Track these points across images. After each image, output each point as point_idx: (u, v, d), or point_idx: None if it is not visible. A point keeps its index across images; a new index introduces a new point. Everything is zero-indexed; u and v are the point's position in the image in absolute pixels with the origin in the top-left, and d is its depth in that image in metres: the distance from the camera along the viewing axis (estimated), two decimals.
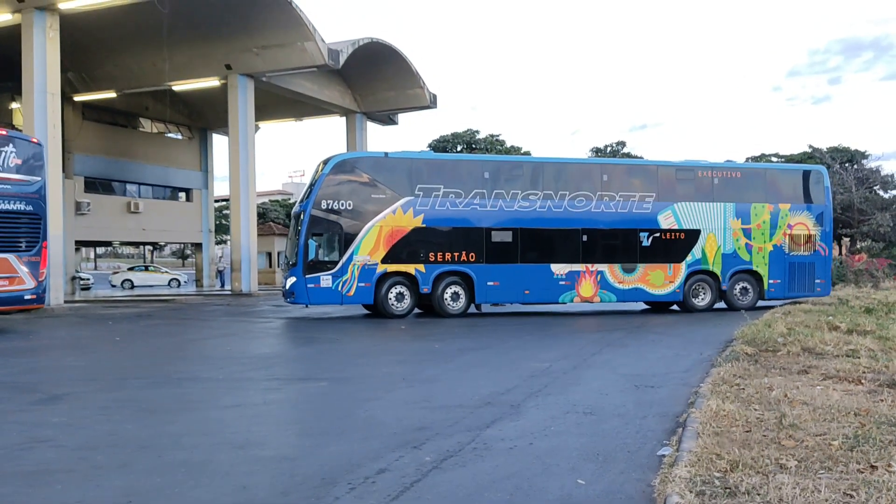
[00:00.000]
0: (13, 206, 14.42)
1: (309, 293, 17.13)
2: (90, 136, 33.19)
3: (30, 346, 13.39)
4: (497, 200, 17.97)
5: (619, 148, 51.80)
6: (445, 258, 17.69)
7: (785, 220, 19.44)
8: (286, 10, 26.04)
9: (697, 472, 4.66)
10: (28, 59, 21.25)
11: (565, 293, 18.25)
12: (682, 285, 18.84)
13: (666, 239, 18.73)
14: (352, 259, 17.17)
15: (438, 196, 17.64)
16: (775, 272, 19.36)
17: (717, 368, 8.98)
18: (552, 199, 18.23)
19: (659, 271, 18.68)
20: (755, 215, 19.28)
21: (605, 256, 18.42)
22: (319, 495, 4.63)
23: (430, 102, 35.41)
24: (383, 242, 17.32)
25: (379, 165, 17.96)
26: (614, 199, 18.51)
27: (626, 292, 18.58)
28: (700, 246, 18.90)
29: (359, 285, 17.17)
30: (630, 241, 18.57)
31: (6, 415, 7.12)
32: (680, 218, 18.77)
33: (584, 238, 18.33)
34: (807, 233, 19.61)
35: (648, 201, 18.65)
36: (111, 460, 5.47)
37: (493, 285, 17.88)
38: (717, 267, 19.05)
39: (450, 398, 7.93)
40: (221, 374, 9.77)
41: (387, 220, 17.35)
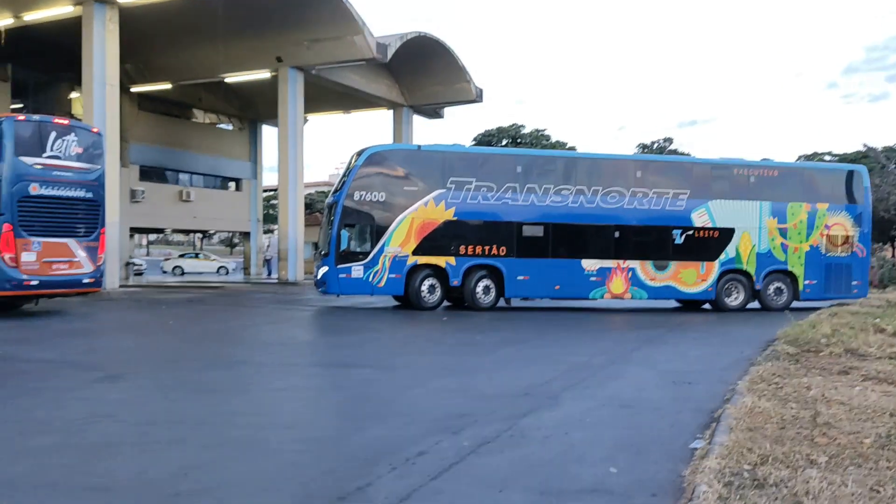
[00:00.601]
0: (74, 193, 15.04)
1: (340, 283, 17.31)
2: (145, 126, 34.14)
3: (88, 327, 14.01)
4: (529, 195, 17.94)
5: (666, 144, 51.29)
6: (476, 251, 17.73)
7: (822, 219, 19.09)
8: (336, 5, 26.45)
9: (727, 464, 4.81)
10: (88, 50, 22.00)
11: (596, 289, 18.21)
12: (714, 284, 18.62)
13: (699, 237, 18.54)
14: (383, 250, 17.30)
15: (470, 189, 17.68)
16: (811, 273, 19.04)
17: (757, 367, 9.01)
18: (584, 195, 18.15)
19: (691, 269, 18.50)
20: (792, 214, 18.97)
21: (636, 253, 18.30)
22: (363, 473, 4.89)
23: (477, 97, 35.54)
24: (414, 234, 17.42)
25: (411, 158, 18.16)
26: (647, 195, 18.40)
27: (658, 290, 18.46)
28: (734, 244, 18.66)
29: (390, 276, 17.31)
30: (663, 239, 18.42)
31: (70, 391, 7.58)
32: (714, 216, 18.57)
33: (616, 234, 18.27)
34: (844, 233, 19.22)
35: (682, 198, 18.49)
36: (169, 435, 5.83)
37: (523, 280, 17.89)
38: (751, 266, 18.79)
39: (489, 388, 8.15)
40: (270, 358, 10.15)
41: (418, 212, 17.46)
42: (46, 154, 14.57)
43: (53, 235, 14.63)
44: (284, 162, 29.67)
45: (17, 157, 14.11)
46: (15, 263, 13.96)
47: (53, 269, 14.60)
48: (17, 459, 5.10)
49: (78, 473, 4.82)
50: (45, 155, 14.54)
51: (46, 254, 14.44)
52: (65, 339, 12.02)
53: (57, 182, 14.69)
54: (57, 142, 14.78)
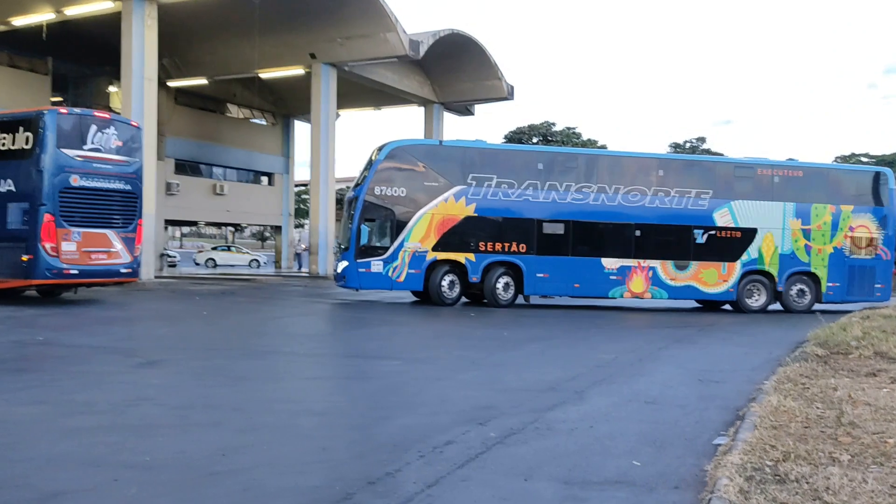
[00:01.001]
0: (113, 185, 15.43)
1: (360, 277, 17.32)
2: (181, 120, 34.71)
3: (126, 316, 14.40)
4: (550, 192, 17.88)
5: (699, 144, 50.88)
6: (496, 248, 17.68)
7: (846, 221, 18.87)
8: (370, 2, 26.68)
9: (749, 460, 4.88)
10: (127, 45, 22.46)
11: (616, 288, 18.12)
12: (735, 285, 18.46)
13: (721, 237, 18.42)
14: (403, 245, 17.29)
15: (491, 186, 17.64)
16: (834, 275, 18.80)
17: (784, 367, 9.02)
18: (606, 193, 18.06)
19: (712, 269, 18.35)
20: (816, 216, 18.77)
21: (657, 252, 18.19)
22: (392, 460, 5.05)
23: (508, 94, 35.58)
24: (434, 230, 17.40)
25: (432, 153, 18.10)
26: (669, 194, 18.29)
27: (678, 289, 18.35)
28: (756, 245, 18.49)
29: (409, 272, 17.31)
30: (684, 238, 18.30)
31: (112, 375, 7.85)
32: (737, 216, 18.42)
33: (636, 233, 18.16)
34: (868, 235, 18.97)
35: (705, 198, 18.39)
36: (206, 419, 6.05)
37: (543, 277, 17.84)
38: (773, 267, 18.61)
39: (516, 382, 8.28)
40: (302, 349, 10.39)
41: (439, 208, 17.42)
42: (87, 146, 14.97)
43: (93, 226, 15.03)
44: (317, 157, 30.00)
45: (59, 149, 14.52)
46: (56, 253, 14.37)
47: (92, 258, 15.00)
48: (63, 439, 5.34)
49: (120, 452, 5.05)
50: (85, 147, 14.94)
51: (86, 244, 14.84)
52: (104, 326, 12.38)
53: (97, 174, 15.09)
54: (97, 135, 15.17)
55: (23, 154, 14.59)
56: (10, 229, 14.59)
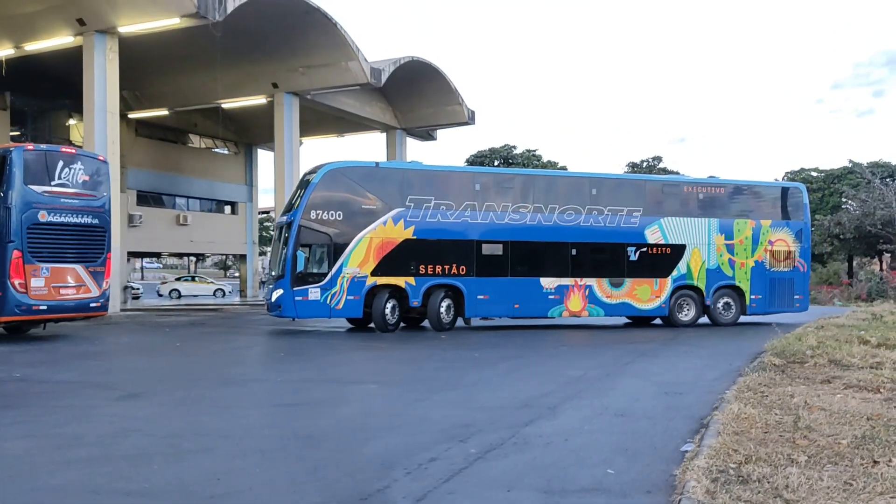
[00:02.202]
0: (81, 220, 15.45)
1: (297, 306, 16.63)
2: (142, 152, 34.58)
3: (99, 350, 14.37)
4: (488, 213, 17.83)
5: (655, 163, 52.07)
6: (436, 271, 17.41)
7: (766, 235, 19.54)
8: (331, 32, 27.07)
9: (714, 464, 5.27)
10: (89, 79, 22.47)
11: (554, 307, 18.20)
12: (667, 300, 18.88)
13: (653, 253, 18.81)
14: (341, 271, 16.72)
15: (430, 207, 17.42)
16: (757, 287, 19.42)
17: (744, 378, 9.49)
18: (542, 213, 18.16)
19: (646, 286, 18.73)
20: (738, 231, 19.38)
21: (593, 270, 18.43)
22: (380, 477, 5.32)
23: (469, 119, 36.20)
24: (373, 254, 16.94)
25: (370, 175, 17.60)
26: (603, 212, 18.55)
27: (614, 307, 18.62)
28: (685, 261, 18.99)
29: (348, 298, 16.74)
30: (618, 256, 18.62)
31: (96, 409, 7.97)
32: (666, 232, 18.86)
33: (573, 252, 18.36)
34: (787, 249, 19.71)
35: (636, 216, 18.76)
36: (196, 446, 6.25)
37: (483, 299, 17.70)
38: (701, 282, 19.10)
39: (491, 400, 8.59)
40: (277, 376, 10.57)
41: (377, 231, 16.99)
42: (54, 182, 15.00)
43: (61, 261, 15.02)
44: (281, 185, 30.11)
45: (27, 186, 14.53)
46: (24, 289, 14.33)
47: (61, 293, 14.97)
48: (59, 470, 5.50)
49: (118, 480, 5.23)
50: (53, 183, 14.97)
51: (55, 279, 14.82)
52: (78, 361, 12.39)
53: (65, 209, 15.11)
54: (64, 170, 15.21)
55: None
56: None
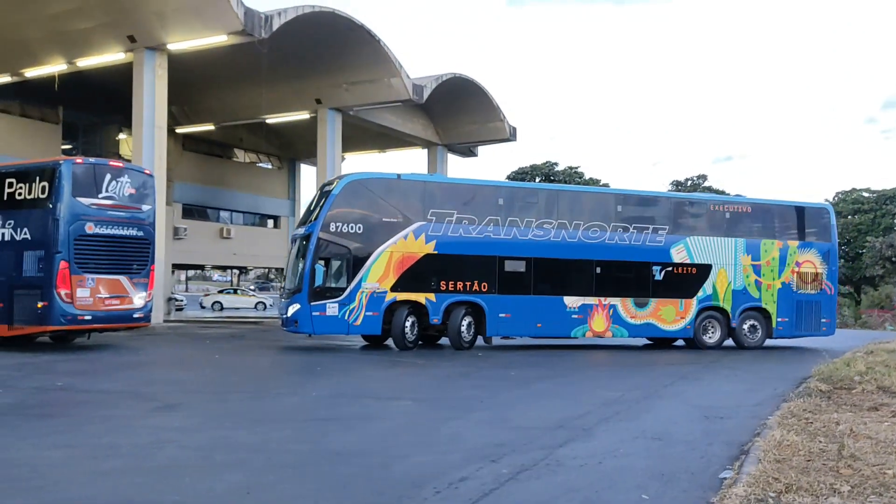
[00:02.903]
0: (127, 232, 15.76)
1: (314, 321, 16.00)
2: (189, 166, 35.26)
3: (140, 360, 14.61)
4: (511, 228, 17.30)
5: (700, 182, 51.37)
6: (457, 287, 16.84)
7: (793, 257, 18.98)
8: (374, 48, 27.34)
9: (753, 492, 5.10)
10: (139, 95, 23.04)
11: (578, 327, 17.63)
12: (692, 321, 18.32)
13: (678, 273, 18.27)
14: (360, 286, 16.13)
15: (451, 222, 16.86)
16: (783, 310, 18.83)
17: (788, 403, 9.23)
18: (566, 229, 17.68)
19: (671, 306, 18.18)
20: (765, 251, 18.84)
21: (617, 290, 17.89)
22: (410, 496, 5.27)
23: (510, 135, 36.16)
24: (393, 269, 16.37)
25: (391, 188, 17.04)
26: (628, 230, 18.11)
27: (638, 327, 18.08)
28: (711, 281, 18.43)
29: (366, 314, 16.15)
30: (643, 275, 18.11)
31: (133, 419, 8.08)
32: (692, 252, 18.37)
33: (597, 270, 17.83)
34: (814, 271, 19.13)
35: (661, 234, 18.27)
36: (229, 459, 6.27)
37: (505, 317, 17.10)
38: (727, 303, 18.53)
39: (525, 420, 8.49)
40: (314, 391, 10.60)
41: (398, 245, 16.43)
42: (102, 195, 15.33)
43: (107, 272, 15.31)
44: None
45: (74, 198, 14.87)
46: (70, 299, 14.64)
47: (106, 304, 15.26)
48: (95, 480, 5.57)
49: (151, 492, 5.27)
50: (100, 196, 15.30)
51: (100, 290, 15.12)
52: (119, 371, 12.61)
53: (111, 221, 15.42)
54: (111, 183, 15.55)
55: (39, 203, 14.95)
56: (25, 277, 14.88)
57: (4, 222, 15.24)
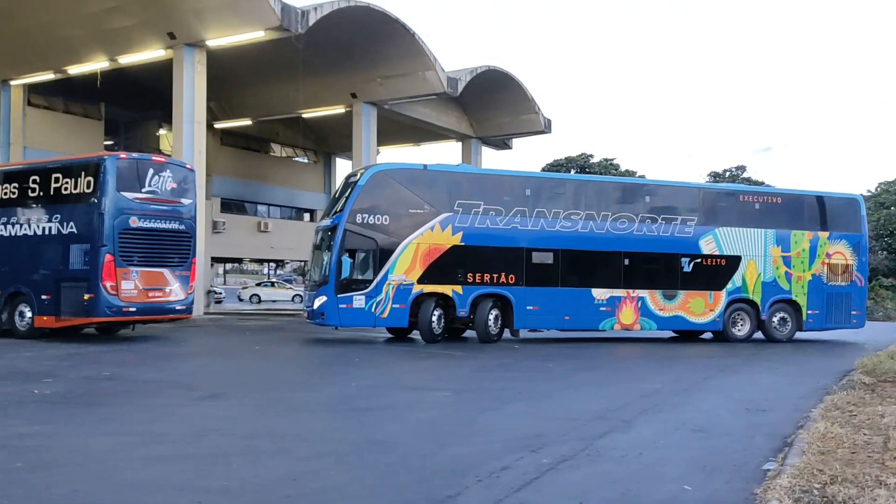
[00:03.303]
0: (169, 226, 16.08)
1: (340, 314, 15.86)
2: (226, 160, 35.78)
3: (184, 351, 14.92)
4: (538, 219, 17.11)
5: (739, 172, 50.58)
6: (484, 279, 16.65)
7: (824, 248, 18.63)
8: (409, 42, 27.41)
9: (798, 483, 5.07)
10: (178, 91, 23.40)
11: (606, 320, 17.39)
12: (722, 314, 18.02)
13: (707, 265, 17.98)
14: (387, 278, 15.99)
15: (478, 213, 16.68)
16: (814, 302, 18.46)
17: (832, 396, 9.12)
18: (594, 220, 17.46)
19: (700, 299, 17.88)
20: (795, 243, 18.50)
21: (646, 282, 17.65)
22: (451, 484, 5.33)
23: (545, 127, 35.97)
24: (420, 261, 16.19)
25: (417, 178, 16.83)
26: (657, 221, 17.81)
27: (667, 320, 17.81)
28: (741, 273, 18.11)
29: (393, 307, 16.00)
30: (671, 267, 17.84)
31: (179, 408, 8.28)
32: (721, 243, 18.05)
33: (625, 262, 17.56)
34: (845, 262, 18.76)
35: (690, 225, 18.00)
36: (273, 447, 6.40)
37: (533, 310, 16.90)
38: (756, 295, 18.19)
39: (564, 411, 8.51)
40: (353, 381, 10.72)
41: (424, 236, 16.26)
42: (145, 189, 15.65)
43: (150, 265, 15.64)
44: None
45: (119, 193, 15.20)
46: (115, 291, 14.98)
47: (150, 296, 15.59)
48: (145, 466, 5.73)
49: (199, 478, 5.41)
50: (143, 190, 15.62)
51: (144, 282, 15.45)
52: (164, 361, 12.90)
53: (154, 215, 15.74)
54: (154, 178, 15.86)
55: (84, 197, 15.31)
56: (72, 269, 15.26)
57: (51, 216, 15.65)
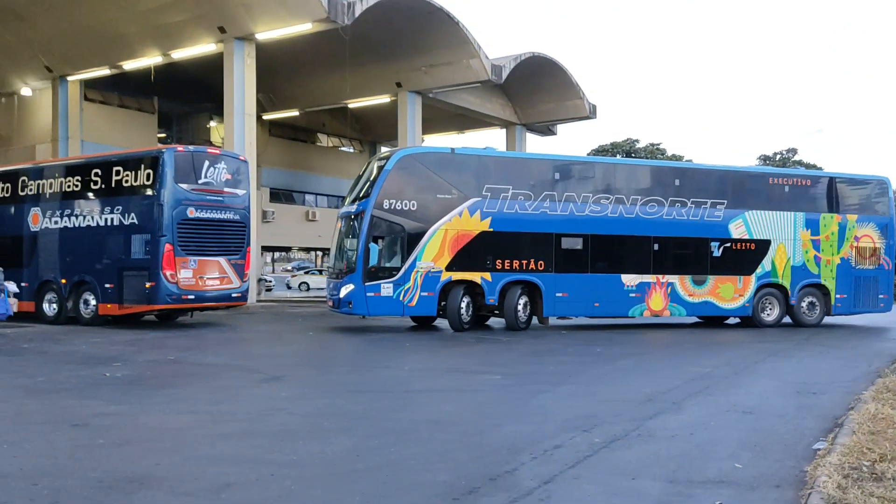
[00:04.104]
0: (224, 216, 16.60)
1: (368, 302, 15.42)
2: (275, 151, 36.45)
3: (241, 337, 15.44)
4: (567, 204, 16.72)
5: (790, 155, 49.60)
6: (513, 266, 16.25)
7: (852, 231, 18.22)
8: (453, 30, 27.55)
9: (847, 461, 5.19)
10: (229, 84, 23.95)
11: (635, 306, 17.04)
12: (751, 299, 17.66)
13: (737, 249, 17.66)
14: (415, 265, 15.58)
15: (507, 198, 16.30)
16: (842, 286, 18.14)
17: (883, 379, 9.11)
18: (624, 204, 17.09)
19: (729, 284, 17.54)
20: (824, 226, 18.11)
21: (675, 267, 17.28)
22: (507, 460, 5.57)
23: (590, 113, 35.81)
24: (448, 248, 15.81)
25: (445, 162, 16.41)
26: (686, 205, 17.48)
27: (696, 306, 17.51)
28: (770, 257, 17.76)
29: (421, 294, 15.60)
30: (701, 251, 17.51)
31: (243, 389, 8.68)
32: (751, 227, 17.69)
33: (655, 247, 17.22)
34: (872, 245, 18.35)
35: (720, 208, 17.66)
36: (336, 426, 6.72)
37: (562, 297, 16.54)
38: (786, 280, 17.84)
39: (613, 394, 8.67)
40: (406, 365, 11.04)
41: (452, 222, 15.87)
42: (201, 181, 16.17)
43: (207, 254, 16.19)
44: None
45: (177, 184, 15.75)
46: (175, 280, 15.55)
47: (207, 284, 16.14)
48: (220, 441, 6.10)
49: (269, 453, 5.74)
50: (199, 182, 16.15)
51: (201, 271, 16.00)
52: (222, 346, 13.40)
53: (210, 206, 16.27)
54: (209, 169, 16.37)
55: (144, 189, 15.91)
56: (133, 259, 15.89)
57: (112, 208, 16.29)
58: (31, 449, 5.80)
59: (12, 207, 18.07)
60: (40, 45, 26.69)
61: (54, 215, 17.18)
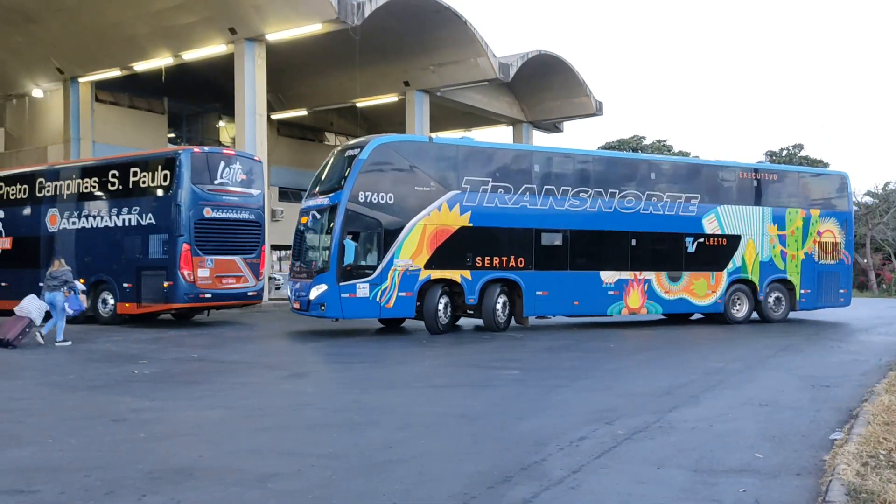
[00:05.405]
0: (240, 216, 16.83)
1: (343, 304, 14.13)
2: (283, 150, 36.68)
3: (258, 334, 15.65)
4: (547, 198, 16.08)
5: (796, 151, 49.62)
6: (493, 263, 15.47)
7: (815, 226, 18.26)
8: (461, 29, 27.73)
9: (864, 450, 5.39)
10: (240, 84, 24.16)
11: (614, 304, 16.60)
12: (723, 295, 17.48)
13: (710, 245, 17.47)
14: (392, 263, 14.48)
15: (487, 191, 15.50)
16: (806, 281, 18.22)
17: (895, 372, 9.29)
18: (602, 198, 16.57)
19: (703, 280, 17.32)
20: (790, 221, 18.07)
21: (652, 263, 16.95)
22: (535, 452, 5.78)
23: (597, 110, 35.97)
24: (427, 244, 14.82)
25: (423, 152, 15.43)
26: (662, 199, 17.15)
27: (671, 303, 17.17)
28: (740, 253, 17.64)
29: (399, 295, 14.52)
30: (676, 247, 17.22)
31: (270, 385, 8.90)
32: (723, 222, 17.56)
33: (633, 242, 16.81)
34: (834, 240, 18.46)
35: (694, 203, 17.41)
36: (365, 419, 6.93)
37: (542, 295, 15.90)
38: (755, 275, 17.74)
39: (631, 388, 8.87)
40: (426, 361, 11.26)
41: (431, 217, 14.88)
42: (217, 181, 16.41)
43: (223, 253, 16.42)
44: None
45: (193, 185, 15.98)
46: (192, 279, 15.79)
47: (224, 283, 16.38)
48: (255, 435, 6.31)
49: (306, 445, 5.97)
50: (215, 182, 16.38)
51: (218, 270, 16.23)
52: (242, 343, 13.62)
53: (226, 206, 16.50)
54: (225, 170, 16.60)
55: (161, 190, 16.16)
56: (151, 258, 16.14)
57: (130, 209, 16.54)
58: (76, 444, 6.03)
59: (30, 208, 18.35)
60: (51, 47, 26.96)
61: (72, 216, 17.44)
